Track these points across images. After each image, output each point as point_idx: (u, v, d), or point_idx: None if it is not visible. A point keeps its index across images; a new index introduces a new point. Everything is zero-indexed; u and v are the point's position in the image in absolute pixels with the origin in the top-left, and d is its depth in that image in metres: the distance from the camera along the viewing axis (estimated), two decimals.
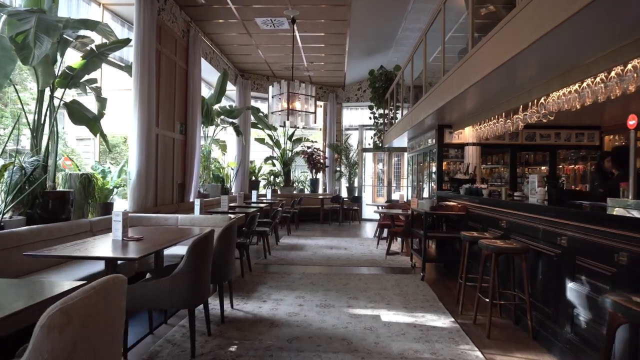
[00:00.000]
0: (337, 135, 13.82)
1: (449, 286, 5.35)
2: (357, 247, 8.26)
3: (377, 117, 12.03)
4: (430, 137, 7.33)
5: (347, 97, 13.85)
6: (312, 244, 8.56)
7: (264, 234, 6.99)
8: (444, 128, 6.73)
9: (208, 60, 9.52)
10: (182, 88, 7.84)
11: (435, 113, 6.24)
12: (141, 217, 5.35)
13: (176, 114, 7.52)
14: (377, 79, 11.58)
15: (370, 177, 16.35)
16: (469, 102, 5.46)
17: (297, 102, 8.11)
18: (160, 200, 6.90)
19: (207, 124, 9.87)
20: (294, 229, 10.75)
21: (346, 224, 12.37)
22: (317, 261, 6.80)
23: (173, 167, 7.44)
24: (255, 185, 12.61)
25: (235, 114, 10.10)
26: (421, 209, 5.85)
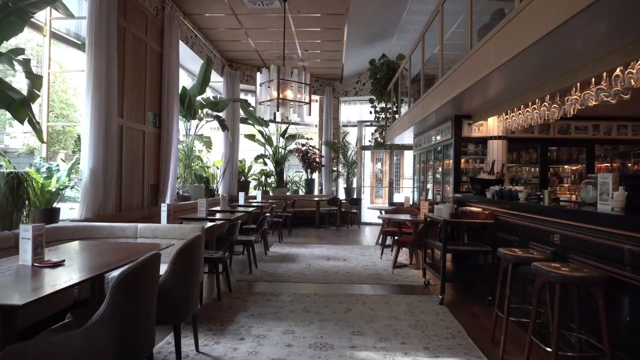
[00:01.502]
0: (334, 132, 12.78)
1: (475, 313, 4.31)
2: (358, 257, 7.21)
3: (378, 112, 10.98)
4: (443, 131, 6.30)
5: (345, 90, 12.81)
6: (307, 253, 7.50)
7: (249, 244, 5.92)
8: (462, 119, 5.71)
9: (189, 45, 8.44)
10: (155, 74, 6.76)
11: (453, 101, 5.21)
12: (91, 227, 4.27)
13: (147, 104, 6.45)
14: (379, 69, 10.54)
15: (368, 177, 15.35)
16: (499, 84, 4.43)
17: (289, 91, 7.05)
18: (126, 204, 5.82)
19: (188, 117, 8.82)
20: (286, 235, 9.68)
21: (344, 228, 11.32)
22: (312, 277, 5.74)
23: (143, 166, 6.36)
24: (245, 186, 11.54)
25: (220, 107, 9.03)
26: (438, 216, 4.81)
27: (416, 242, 5.67)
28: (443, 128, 6.24)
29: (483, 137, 5.72)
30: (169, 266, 2.71)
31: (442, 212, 4.73)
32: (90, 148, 4.84)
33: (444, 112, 5.80)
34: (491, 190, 4.49)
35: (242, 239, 5.90)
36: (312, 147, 12.30)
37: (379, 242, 8.55)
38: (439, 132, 6.49)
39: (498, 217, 4.45)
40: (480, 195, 4.90)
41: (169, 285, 2.69)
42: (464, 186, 5.75)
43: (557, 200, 3.87)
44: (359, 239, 9.43)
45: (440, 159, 6.37)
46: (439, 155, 6.77)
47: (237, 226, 4.71)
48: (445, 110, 5.73)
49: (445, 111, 5.74)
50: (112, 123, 5.14)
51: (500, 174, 5.18)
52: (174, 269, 2.72)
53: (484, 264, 4.83)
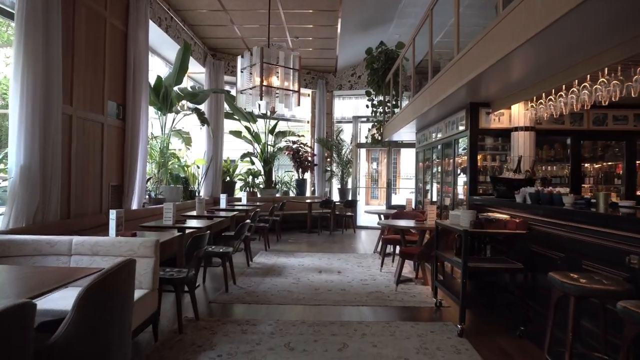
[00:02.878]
0: (327, 129, 11.84)
1: (506, 349, 3.39)
2: (355, 268, 6.28)
3: (375, 106, 10.06)
4: (455, 123, 5.39)
5: (339, 84, 11.88)
6: (296, 264, 6.56)
7: (226, 257, 4.97)
8: (479, 108, 4.79)
9: (164, 28, 7.47)
10: (118, 57, 5.79)
11: (468, 86, 4.32)
12: (8, 241, 3.29)
13: (107, 91, 5.47)
14: (376, 59, 9.63)
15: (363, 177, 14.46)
16: (530, 61, 3.53)
17: (275, 78, 6.11)
18: (77, 209, 4.84)
19: (164, 110, 7.85)
20: (274, 242, 8.73)
21: (338, 233, 10.39)
22: (300, 296, 4.80)
23: (102, 163, 5.39)
24: (230, 187, 10.58)
25: (200, 98, 8.07)
26: (455, 224, 3.89)
27: (424, 254, 4.74)
28: (454, 119, 5.33)
29: (504, 129, 4.81)
30: (70, 314, 1.76)
31: (460, 220, 3.81)
32: (20, 140, 3.86)
33: (456, 100, 4.90)
34: (522, 193, 3.57)
35: (217, 251, 4.95)
36: (303, 144, 11.37)
37: (377, 250, 7.63)
38: (450, 125, 5.58)
39: (533, 226, 3.55)
40: (504, 198, 3.98)
41: (69, 342, 1.73)
42: (481, 187, 4.84)
43: (616, 205, 2.97)
44: (355, 246, 8.50)
45: (451, 155, 5.46)
46: (449, 152, 5.85)
47: (203, 238, 3.76)
48: (458, 98, 4.82)
49: (458, 98, 4.83)
50: (52, 111, 4.16)
51: (531, 172, 4.28)
52: (78, 318, 1.76)
53: (510, 283, 3.92)
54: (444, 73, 4.77)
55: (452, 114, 5.39)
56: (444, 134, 5.87)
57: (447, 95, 4.70)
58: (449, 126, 5.62)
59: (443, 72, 4.77)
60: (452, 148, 5.37)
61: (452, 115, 5.40)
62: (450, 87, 4.64)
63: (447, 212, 5.95)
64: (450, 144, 5.52)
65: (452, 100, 4.87)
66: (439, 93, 4.95)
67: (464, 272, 3.56)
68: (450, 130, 5.60)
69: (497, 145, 4.98)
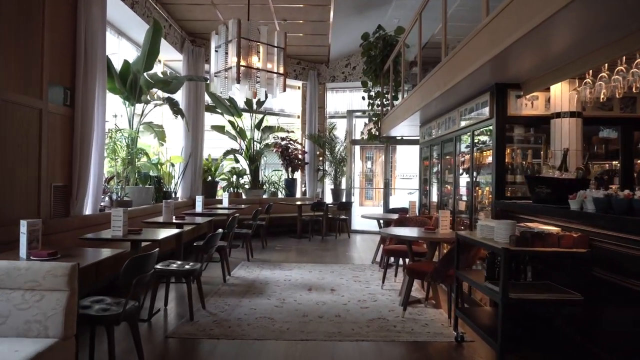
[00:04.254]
0: (319, 124, 10.88)
1: None
2: (351, 284, 5.31)
3: (372, 97, 9.09)
4: (474, 110, 4.44)
5: (332, 75, 10.91)
6: (281, 278, 5.57)
7: (191, 276, 3.96)
8: (507, 90, 3.84)
9: (129, 4, 6.44)
10: (64, 31, 4.76)
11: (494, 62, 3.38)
12: None
13: (47, 71, 4.44)
14: (373, 46, 8.66)
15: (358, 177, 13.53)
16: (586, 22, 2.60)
17: (255, 57, 5.12)
18: (1, 215, 3.82)
19: (132, 99, 6.84)
20: (258, 249, 7.73)
21: (331, 237, 9.42)
22: (284, 326, 3.81)
23: (40, 159, 4.36)
24: (212, 187, 9.56)
25: (173, 86, 7.05)
26: (486, 239, 2.94)
27: (439, 273, 3.78)
28: (473, 106, 4.37)
29: (540, 117, 3.85)
30: None
31: (495, 233, 2.86)
32: None
33: (478, 81, 3.95)
34: (579, 198, 2.63)
35: (180, 270, 3.94)
36: (293, 141, 10.39)
37: (376, 260, 6.67)
38: (466, 113, 4.62)
39: (595, 243, 2.60)
40: (547, 203, 3.04)
41: None
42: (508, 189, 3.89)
43: None
44: (350, 255, 7.53)
45: (469, 150, 4.51)
46: (464, 147, 4.90)
47: (147, 259, 2.77)
48: (480, 78, 3.87)
49: (480, 79, 3.88)
50: None
51: (584, 170, 3.36)
52: None
53: (557, 315, 2.97)
54: (463, 47, 3.82)
55: (469, 100, 4.43)
56: (457, 126, 4.91)
57: (466, 74, 3.75)
58: (465, 114, 4.66)
59: (462, 46, 3.81)
60: (472, 141, 4.41)
61: (469, 101, 4.45)
62: (470, 65, 3.69)
63: (461, 218, 5.00)
64: (468, 136, 4.57)
65: (472, 81, 3.92)
66: (455, 73, 3.99)
67: (504, 305, 2.60)
68: (466, 120, 4.64)
69: (529, 137, 4.04)
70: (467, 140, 4.70)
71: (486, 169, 4.25)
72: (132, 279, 2.61)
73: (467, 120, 4.62)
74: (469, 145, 4.65)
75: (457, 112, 4.89)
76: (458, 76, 3.98)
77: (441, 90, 4.39)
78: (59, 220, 4.51)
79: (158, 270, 3.87)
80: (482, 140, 4.40)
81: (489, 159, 4.14)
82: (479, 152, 4.41)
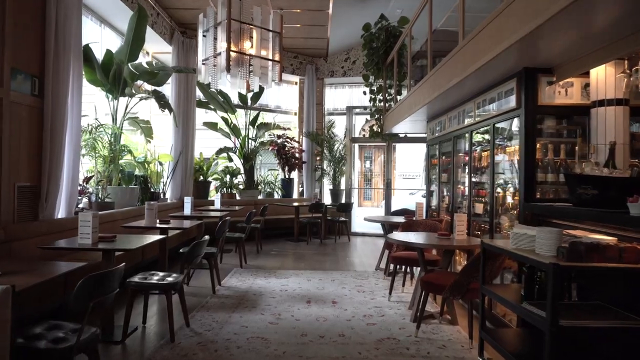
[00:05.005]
0: (317, 122, 10.35)
1: None
2: (355, 295, 4.79)
3: (374, 92, 8.58)
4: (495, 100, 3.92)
5: (331, 70, 10.39)
6: (277, 288, 5.04)
7: (171, 291, 3.42)
8: (537, 75, 3.32)
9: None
10: (30, 10, 4.22)
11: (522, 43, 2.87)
12: None
13: (9, 55, 3.89)
14: (375, 37, 8.14)
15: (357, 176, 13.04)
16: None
17: (248, 42, 4.59)
18: None
19: (115, 93, 6.32)
20: (253, 254, 7.20)
21: (330, 241, 8.90)
22: (280, 349, 3.29)
23: (0, 155, 3.82)
24: (205, 188, 9.02)
25: (160, 78, 6.51)
26: (523, 250, 2.43)
27: (459, 287, 3.26)
28: (495, 95, 3.86)
29: (575, 106, 3.33)
30: None
31: (537, 244, 2.34)
32: None
33: (502, 66, 3.43)
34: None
35: (159, 282, 3.40)
36: (290, 139, 9.86)
37: (380, 266, 6.15)
38: (485, 104, 4.10)
39: None
40: (594, 206, 2.53)
41: None
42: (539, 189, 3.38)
43: None
44: (352, 260, 7.01)
45: (490, 145, 3.99)
46: (483, 142, 4.38)
47: (108, 278, 2.23)
48: (505, 62, 3.35)
49: (505, 63, 3.37)
50: None
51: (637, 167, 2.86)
52: None
53: (602, 341, 2.46)
54: (486, 26, 3.31)
55: (490, 89, 3.91)
56: (473, 119, 4.39)
57: (490, 58, 3.24)
58: (482, 107, 4.15)
59: (486, 24, 3.30)
60: (493, 135, 3.89)
61: (489, 90, 3.92)
62: (494, 47, 3.18)
63: (477, 222, 4.48)
64: (488, 129, 4.05)
65: (495, 66, 3.41)
66: (476, 57, 3.48)
67: (553, 335, 2.08)
68: (485, 113, 4.12)
69: (561, 129, 3.52)
70: (486, 135, 4.18)
71: (510, 167, 3.73)
72: (87, 303, 2.08)
73: (486, 112, 4.10)
74: (487, 141, 4.13)
75: (473, 103, 4.37)
76: (479, 61, 3.47)
77: (458, 77, 3.87)
78: (23, 225, 3.97)
79: (134, 284, 3.34)
80: (504, 135, 3.89)
81: (514, 155, 3.62)
82: (500, 147, 3.89)
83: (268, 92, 10.29)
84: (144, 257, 5.11)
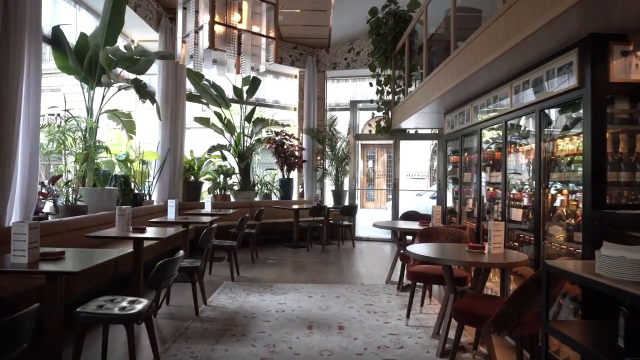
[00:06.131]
0: (318, 118, 9.60)
1: None
2: (365, 317, 4.02)
3: (381, 83, 7.81)
4: (541, 82, 3.16)
5: (334, 62, 9.63)
6: (273, 308, 4.28)
7: (135, 321, 2.65)
8: (608, 43, 2.56)
9: None
10: None
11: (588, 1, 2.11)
12: None
13: None
14: (383, 23, 7.38)
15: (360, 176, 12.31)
16: None
17: (237, 15, 3.83)
18: None
19: (91, 82, 5.59)
20: (247, 263, 6.44)
21: (333, 247, 8.14)
22: None
23: None
24: (196, 189, 8.26)
25: (140, 65, 5.74)
26: (628, 282, 1.66)
27: (507, 321, 2.49)
28: (543, 74, 3.09)
29: None
30: None
31: None
32: None
33: (558, 34, 2.67)
34: None
35: (119, 314, 2.63)
36: (289, 136, 9.11)
37: (391, 279, 5.38)
38: (528, 86, 3.32)
39: None
40: None
41: None
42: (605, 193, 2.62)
43: None
44: (358, 270, 6.24)
45: (535, 137, 3.21)
46: (526, 132, 3.61)
47: (15, 328, 1.48)
48: (563, 28, 2.59)
49: (562, 30, 2.61)
50: None
51: None
52: None
53: None
54: None
55: (537, 66, 3.13)
56: (511, 105, 3.61)
57: (544, 23, 2.49)
58: (524, 89, 3.38)
59: None
60: (539, 123, 3.12)
61: (537, 67, 3.13)
62: (550, 7, 2.42)
63: (514, 231, 3.71)
64: (535, 116, 3.28)
65: (549, 33, 2.65)
66: (524, 22, 2.72)
67: None
68: (528, 96, 3.35)
69: (636, 114, 2.77)
70: (530, 124, 3.42)
71: (565, 163, 2.97)
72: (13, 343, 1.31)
73: (529, 96, 3.33)
74: (531, 131, 3.36)
75: (509, 87, 3.60)
76: (527, 28, 2.71)
77: (494, 53, 3.11)
78: None
79: (85, 316, 2.58)
80: (556, 123, 3.12)
81: (570, 146, 2.86)
82: (551, 139, 3.13)
83: (265, 86, 9.55)
84: (116, 270, 4.35)
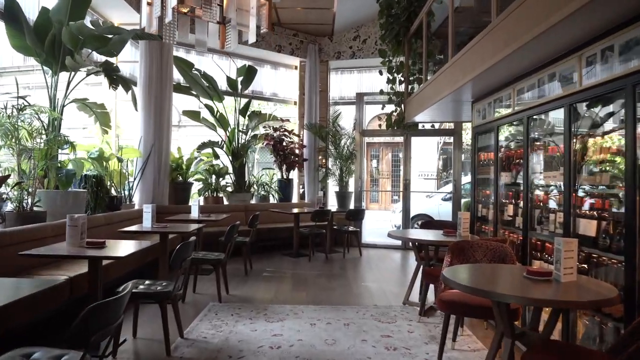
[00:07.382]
0: (321, 113, 8.73)
1: None
2: (383, 356, 3.15)
3: (392, 72, 6.93)
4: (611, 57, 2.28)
5: (337, 51, 8.76)
6: (265, 343, 3.40)
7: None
8: None
9: None
10: None
11: None
12: None
13: None
14: (395, 2, 6.51)
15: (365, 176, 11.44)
16: None
17: None
18: None
19: (54, 65, 4.76)
20: (239, 276, 5.56)
21: (338, 255, 7.27)
22: None
23: None
24: (184, 191, 7.37)
25: (112, 45, 4.86)
26: None
27: None
28: (633, 36, 2.22)
29: None
30: None
31: None
32: None
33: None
34: None
35: None
36: (288, 132, 8.24)
37: (409, 299, 4.49)
38: (612, 56, 2.46)
39: None
40: None
41: None
42: None
43: None
44: (368, 286, 5.36)
45: (625, 123, 2.35)
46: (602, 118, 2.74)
47: None
48: None
49: None
50: None
51: None
52: None
53: None
54: None
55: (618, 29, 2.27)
56: (578, 85, 2.74)
57: None
58: (602, 61, 2.51)
59: None
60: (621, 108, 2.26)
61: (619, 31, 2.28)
62: None
63: (585, 251, 2.83)
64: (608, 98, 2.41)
65: None
66: None
67: None
68: (607, 71, 2.48)
69: None
70: (610, 108, 2.54)
71: None
72: None
73: (609, 69, 2.46)
74: (614, 114, 2.49)
75: (578, 59, 2.72)
76: None
77: (561, 14, 2.23)
78: None
79: None
80: None
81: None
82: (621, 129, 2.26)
83: (262, 77, 8.69)
84: (71, 294, 3.47)
